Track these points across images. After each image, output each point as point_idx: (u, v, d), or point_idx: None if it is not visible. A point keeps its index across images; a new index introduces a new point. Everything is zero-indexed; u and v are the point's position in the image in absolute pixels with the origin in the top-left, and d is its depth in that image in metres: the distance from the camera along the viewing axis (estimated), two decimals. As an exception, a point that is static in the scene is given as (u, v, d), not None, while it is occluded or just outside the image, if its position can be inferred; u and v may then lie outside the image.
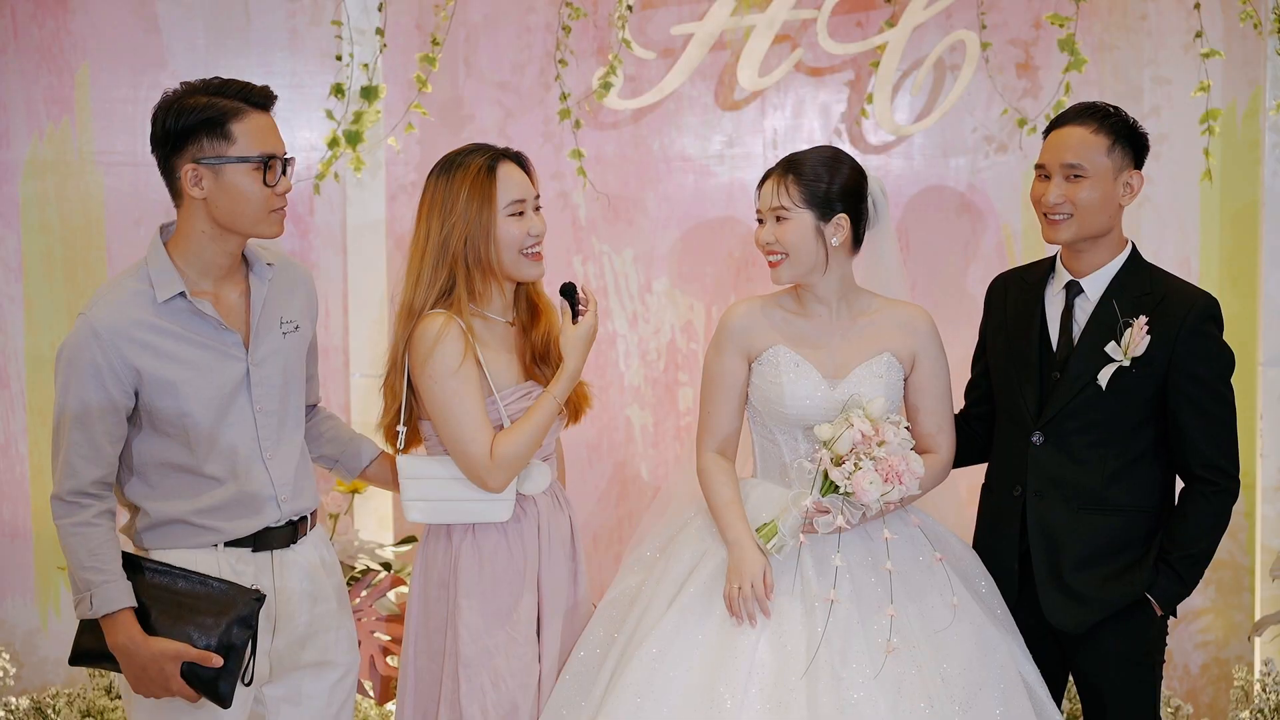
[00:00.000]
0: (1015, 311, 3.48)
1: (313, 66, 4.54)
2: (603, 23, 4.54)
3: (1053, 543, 3.36)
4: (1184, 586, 3.34)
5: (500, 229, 3.25)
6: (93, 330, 2.96)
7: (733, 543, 3.26)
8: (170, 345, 3.01)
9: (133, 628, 2.98)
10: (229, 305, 3.10)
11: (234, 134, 2.99)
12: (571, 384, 3.31)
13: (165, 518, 3.08)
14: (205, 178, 2.99)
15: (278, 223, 3.08)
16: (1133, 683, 3.39)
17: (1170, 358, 3.28)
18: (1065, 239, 3.36)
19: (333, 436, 3.47)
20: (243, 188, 3.00)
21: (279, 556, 3.16)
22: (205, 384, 3.03)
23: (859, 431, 3.16)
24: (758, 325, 3.40)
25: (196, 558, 3.08)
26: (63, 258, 4.51)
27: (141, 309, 3.00)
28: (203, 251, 3.05)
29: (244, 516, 3.10)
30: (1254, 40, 4.46)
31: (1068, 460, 3.35)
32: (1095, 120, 3.33)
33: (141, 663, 2.98)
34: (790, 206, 3.29)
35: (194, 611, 3.00)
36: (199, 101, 2.98)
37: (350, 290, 4.54)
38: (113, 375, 2.97)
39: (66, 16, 4.47)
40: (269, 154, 3.02)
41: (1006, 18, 4.55)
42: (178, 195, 3.04)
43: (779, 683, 3.11)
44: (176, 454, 3.06)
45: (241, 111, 3.00)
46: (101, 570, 2.98)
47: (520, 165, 3.33)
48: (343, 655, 3.28)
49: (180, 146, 2.99)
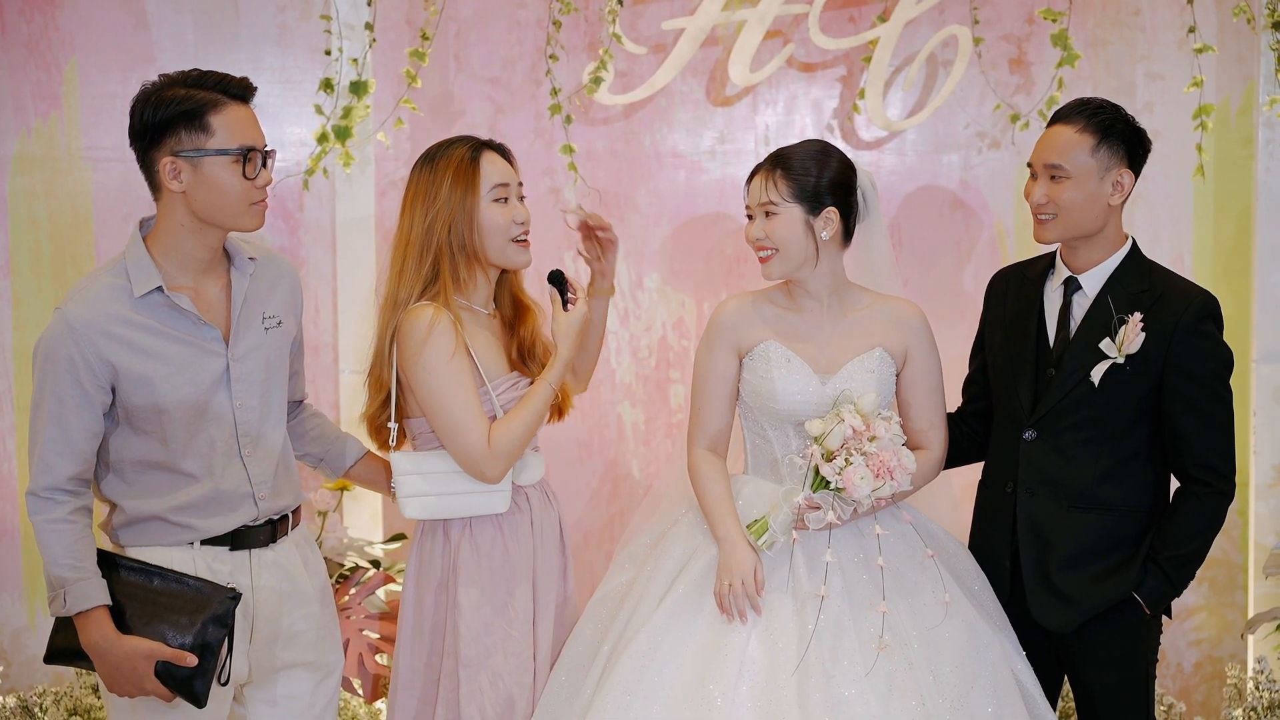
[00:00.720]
0: (1014, 307, 3.47)
1: (302, 61, 4.52)
2: (594, 18, 4.53)
3: (1042, 540, 3.34)
4: (1173, 587, 3.31)
5: (484, 214, 3.25)
6: (68, 325, 2.94)
7: (723, 540, 3.24)
8: (147, 340, 2.98)
9: (106, 626, 2.96)
10: (209, 300, 3.07)
11: (212, 126, 2.95)
12: (565, 370, 3.31)
13: (141, 515, 3.05)
14: (184, 170, 2.96)
15: (258, 215, 3.05)
16: (1125, 682, 3.37)
17: (1166, 356, 3.26)
18: (1052, 239, 3.35)
19: (318, 435, 3.45)
20: (222, 180, 2.97)
21: (257, 556, 3.13)
22: (183, 380, 3.00)
23: (850, 427, 3.15)
24: (748, 320, 3.38)
25: (172, 555, 3.05)
26: (51, 254, 4.49)
27: (118, 304, 2.97)
28: (182, 245, 3.02)
29: (220, 514, 3.07)
30: (1247, 35, 4.44)
31: (1059, 457, 3.33)
32: (1083, 119, 3.30)
33: (115, 662, 2.96)
34: (779, 201, 3.28)
35: (169, 610, 2.97)
36: (177, 94, 2.95)
37: (340, 286, 4.52)
38: (88, 370, 2.95)
39: (55, 12, 4.45)
40: (248, 146, 2.99)
41: (999, 13, 4.53)
42: (156, 189, 3.01)
43: (770, 680, 3.09)
44: (153, 450, 3.03)
45: (220, 103, 2.97)
46: (76, 567, 2.95)
47: (503, 156, 3.33)
48: (326, 656, 3.26)
49: (158, 139, 2.96)
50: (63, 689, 4.36)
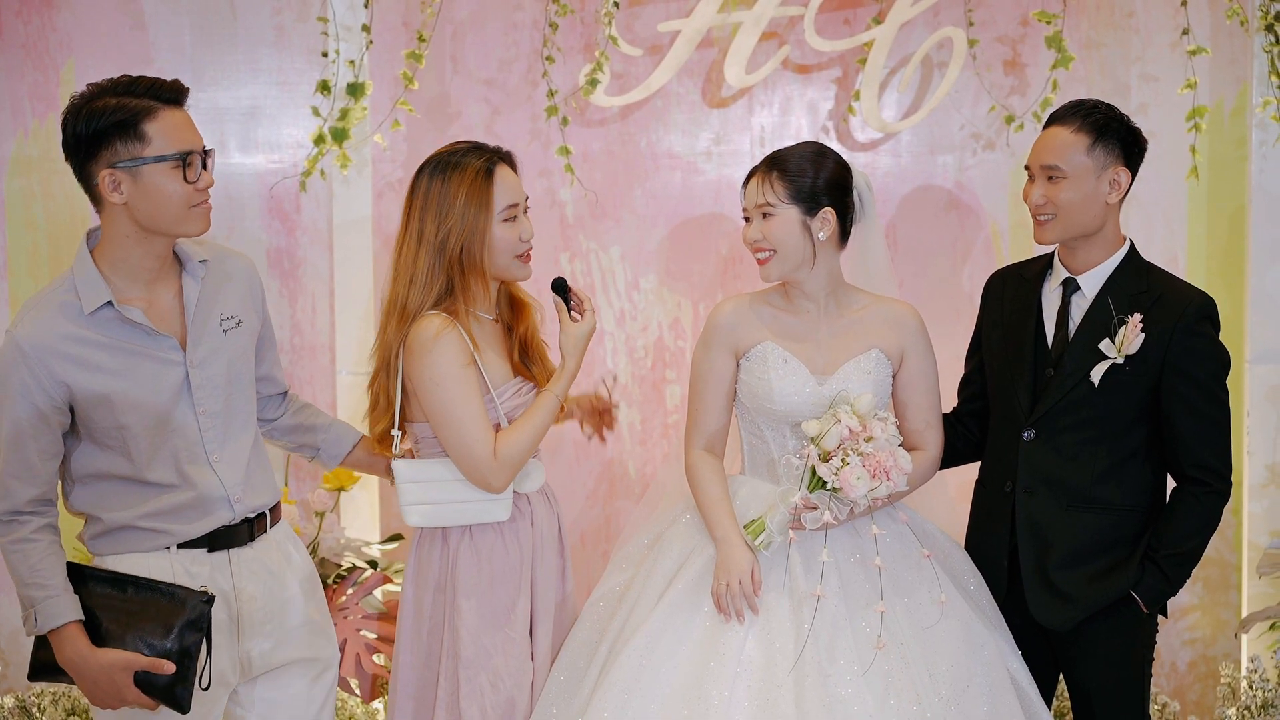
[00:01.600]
0: (1012, 307, 3.48)
1: (299, 63, 4.52)
2: (590, 19, 4.53)
3: (1041, 540, 3.35)
4: (1170, 585, 3.33)
5: (495, 234, 3.23)
6: (19, 349, 2.89)
7: (720, 540, 3.25)
8: (100, 357, 2.93)
9: (79, 641, 2.93)
10: (162, 309, 3.01)
11: (148, 134, 2.88)
12: (571, 381, 3.31)
13: (114, 524, 3.02)
14: (124, 182, 2.89)
15: (202, 218, 2.97)
16: (1121, 681, 3.39)
17: (1164, 356, 3.27)
18: (1052, 239, 3.36)
19: (310, 425, 3.42)
20: (163, 187, 2.90)
21: (236, 555, 3.09)
22: (141, 393, 2.95)
23: (846, 427, 3.16)
24: (746, 322, 3.39)
25: (149, 561, 3.02)
26: (48, 255, 4.49)
27: (68, 322, 2.92)
28: (129, 256, 2.96)
29: (194, 519, 3.03)
30: (1241, 37, 4.46)
31: (1058, 457, 3.35)
32: (1077, 119, 3.32)
33: (93, 676, 2.93)
34: (776, 202, 3.29)
35: (143, 618, 2.94)
36: (108, 104, 2.87)
37: (336, 288, 4.53)
38: (42, 393, 2.90)
39: (52, 13, 4.45)
40: (186, 150, 2.92)
41: (994, 15, 4.55)
42: (98, 201, 2.94)
43: (767, 679, 3.10)
44: (117, 464, 2.99)
45: (153, 110, 2.89)
46: (44, 586, 2.92)
47: (512, 167, 3.31)
48: (319, 651, 3.23)
49: (94, 152, 2.88)
50: (61, 689, 4.37)
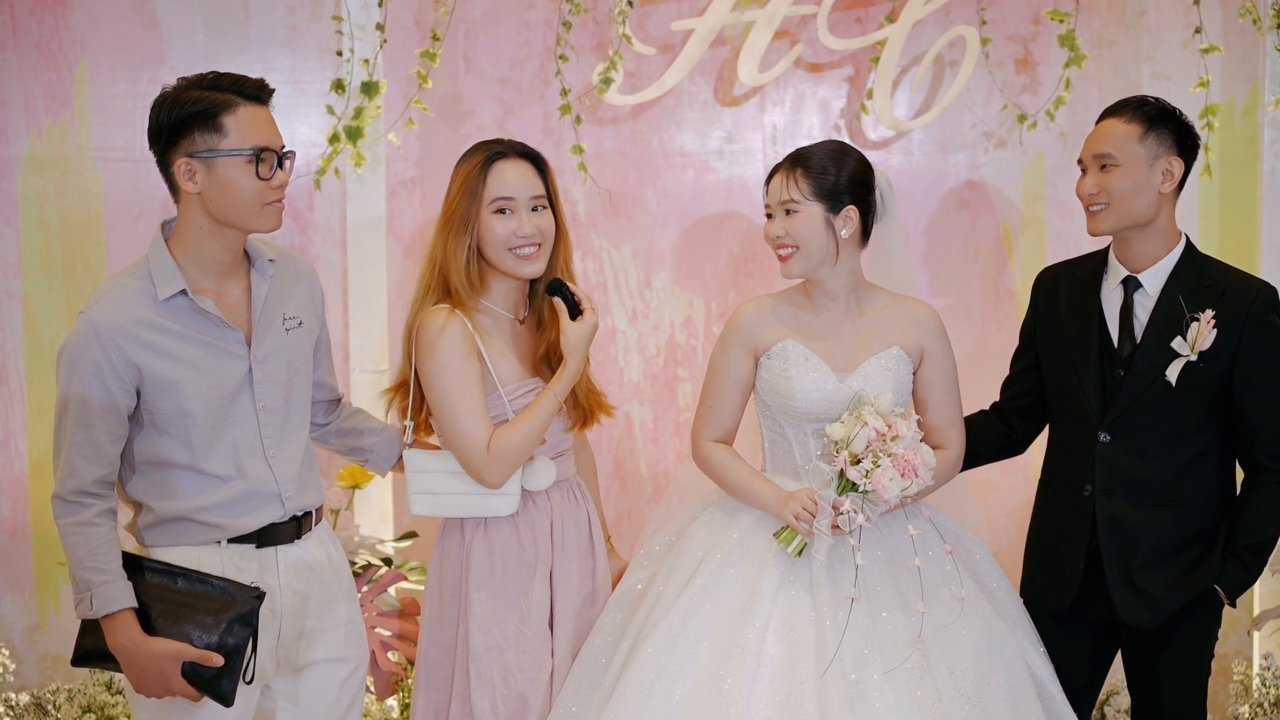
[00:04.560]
0: (1069, 308, 3.47)
1: (312, 62, 4.53)
2: (603, 18, 4.54)
3: (1126, 540, 3.36)
4: (1249, 575, 3.36)
5: (484, 224, 3.27)
6: (94, 329, 2.95)
7: (773, 503, 3.26)
8: (171, 344, 3.00)
9: (133, 628, 2.97)
10: (231, 302, 3.09)
11: (226, 127, 2.97)
12: (572, 382, 3.30)
13: (168, 515, 3.06)
14: (199, 172, 2.98)
15: (274, 216, 3.06)
16: (1195, 673, 3.42)
17: (1236, 349, 3.29)
18: (1105, 229, 3.36)
19: (361, 429, 3.46)
20: (235, 181, 2.99)
21: (283, 553, 3.14)
22: (206, 383, 3.02)
23: (873, 429, 3.16)
24: (766, 321, 3.40)
25: (199, 555, 3.06)
26: (62, 254, 4.49)
27: (143, 307, 2.99)
28: (202, 247, 3.04)
29: (247, 513, 3.08)
30: (1253, 35, 4.47)
31: (1137, 458, 3.35)
32: (1129, 111, 3.35)
33: (142, 663, 2.97)
34: (800, 199, 3.30)
35: (194, 610, 2.99)
36: (192, 95, 2.97)
37: (350, 286, 4.53)
38: (114, 374, 2.96)
39: (65, 12, 4.45)
40: (261, 146, 3.00)
41: (1006, 13, 4.56)
42: (175, 190, 3.03)
43: (788, 675, 3.11)
44: (178, 452, 3.04)
45: (233, 104, 2.99)
46: (102, 570, 2.96)
47: (533, 163, 3.33)
48: (352, 651, 3.27)
49: (174, 141, 2.98)
50: (76, 686, 4.37)
